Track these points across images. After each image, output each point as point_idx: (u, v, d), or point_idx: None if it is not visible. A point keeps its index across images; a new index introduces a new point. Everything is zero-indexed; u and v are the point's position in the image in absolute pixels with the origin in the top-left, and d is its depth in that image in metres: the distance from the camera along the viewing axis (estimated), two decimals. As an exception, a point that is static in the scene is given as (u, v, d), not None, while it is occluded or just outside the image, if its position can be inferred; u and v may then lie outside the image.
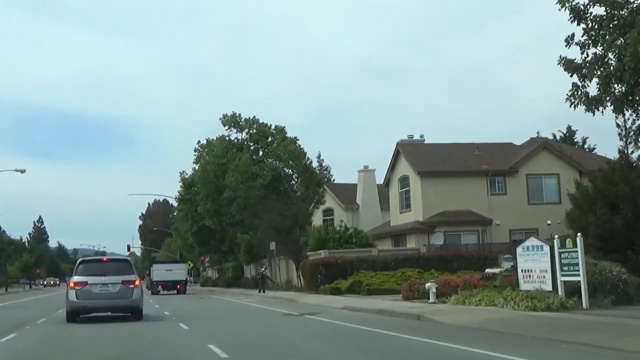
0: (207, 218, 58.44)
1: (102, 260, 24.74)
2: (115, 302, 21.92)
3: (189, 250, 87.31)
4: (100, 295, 21.68)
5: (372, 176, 62.91)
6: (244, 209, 54.03)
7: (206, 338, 16.18)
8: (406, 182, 47.51)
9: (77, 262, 24.36)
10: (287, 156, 54.58)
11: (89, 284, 21.63)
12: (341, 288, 36.54)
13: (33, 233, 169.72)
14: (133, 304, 22.09)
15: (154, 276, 60.96)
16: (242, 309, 30.78)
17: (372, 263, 39.72)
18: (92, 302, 21.77)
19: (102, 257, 28.30)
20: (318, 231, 43.59)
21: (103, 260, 25.08)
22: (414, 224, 45.21)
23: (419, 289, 27.86)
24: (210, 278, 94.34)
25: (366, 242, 43.09)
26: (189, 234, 69.85)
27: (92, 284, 21.63)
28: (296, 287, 46.78)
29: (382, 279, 36.29)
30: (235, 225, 55.40)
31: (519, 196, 46.14)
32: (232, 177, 53.05)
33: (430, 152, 47.48)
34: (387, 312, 23.00)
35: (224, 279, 76.06)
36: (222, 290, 61.99)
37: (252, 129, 57.89)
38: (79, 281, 21.75)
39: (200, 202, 58.32)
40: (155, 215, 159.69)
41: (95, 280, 21.69)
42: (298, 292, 42.34)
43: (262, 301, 37.21)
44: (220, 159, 56.02)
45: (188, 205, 68.22)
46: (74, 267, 23.73)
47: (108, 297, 21.70)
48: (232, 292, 54.82)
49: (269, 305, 32.08)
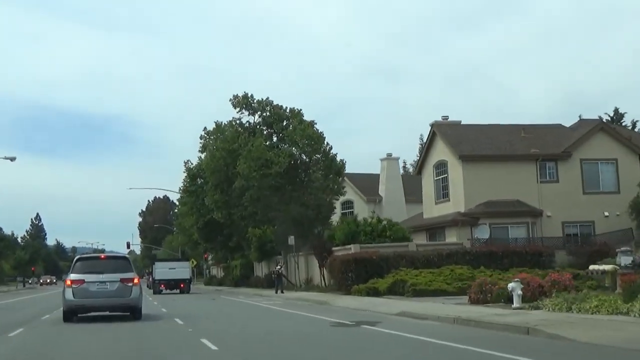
0: (215, 211, 52.81)
1: (100, 258, 24.20)
2: (114, 301, 21.22)
3: (193, 247, 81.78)
4: (98, 294, 20.95)
5: (395, 165, 57.47)
6: (257, 200, 48.45)
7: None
8: (443, 168, 42.00)
9: (74, 259, 23.34)
10: (305, 141, 48.97)
11: (86, 282, 20.91)
12: (379, 288, 31.05)
13: (30, 230, 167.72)
14: (132, 302, 21.39)
15: (157, 274, 56.28)
16: (269, 314, 25.24)
17: (412, 259, 34.27)
18: (90, 301, 21.04)
19: (100, 254, 27.39)
20: (347, 223, 38.05)
21: (101, 257, 24.53)
22: (454, 216, 39.71)
23: (491, 290, 22.39)
24: (215, 277, 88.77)
25: (402, 235, 37.57)
26: (194, 229, 64.24)
27: (89, 282, 20.90)
28: (318, 286, 41.29)
29: (428, 278, 30.81)
30: (247, 218, 49.79)
31: (573, 184, 40.64)
32: (245, 164, 47.45)
33: (471, 134, 41.95)
34: (469, 322, 17.54)
35: (230, 277, 70.53)
36: (231, 290, 56.48)
37: (266, 112, 52.24)
38: (76, 279, 21.05)
39: (208, 193, 52.69)
40: (156, 212, 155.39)
41: (93, 278, 20.96)
42: (323, 293, 36.87)
43: (286, 304, 31.69)
44: (230, 144, 50.44)
45: (193, 198, 62.68)
46: (71, 264, 22.80)
47: (106, 295, 21.00)
48: (243, 292, 49.29)
49: (299, 310, 26.57)
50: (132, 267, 22.28)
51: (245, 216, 49.78)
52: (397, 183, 56.12)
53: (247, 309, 28.58)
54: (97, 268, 21.54)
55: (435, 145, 42.86)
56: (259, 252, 56.79)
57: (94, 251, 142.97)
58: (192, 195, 62.75)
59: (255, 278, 60.10)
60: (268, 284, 53.27)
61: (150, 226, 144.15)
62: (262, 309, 28.29)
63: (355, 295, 31.94)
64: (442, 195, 42.17)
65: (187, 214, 65.76)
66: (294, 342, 14.79)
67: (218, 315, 24.50)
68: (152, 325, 19.77)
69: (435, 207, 42.83)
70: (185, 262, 62.46)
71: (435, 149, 42.87)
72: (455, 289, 29.56)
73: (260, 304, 32.59)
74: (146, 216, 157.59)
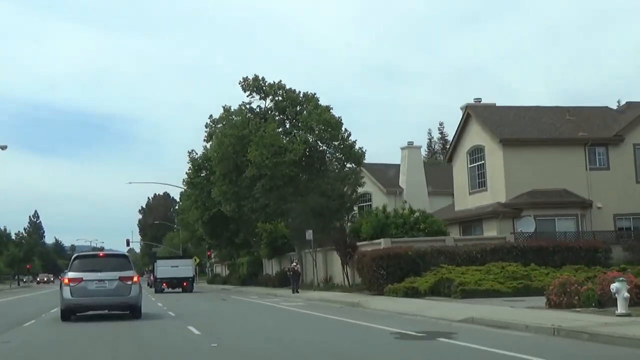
0: (223, 203, 48.55)
1: (99, 256, 23.59)
2: (112, 300, 20.76)
3: (196, 244, 77.63)
4: (96, 292, 20.48)
5: (417, 154, 53.23)
6: (269, 191, 44.24)
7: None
8: (480, 154, 37.77)
9: (72, 257, 22.66)
10: (321, 127, 44.75)
11: (84, 280, 20.46)
12: (419, 288, 26.83)
13: (29, 228, 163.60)
14: (131, 301, 20.91)
15: (158, 273, 52.88)
16: (301, 320, 20.99)
17: (452, 255, 30.13)
18: (88, 300, 20.57)
19: (98, 252, 26.54)
20: (376, 215, 33.76)
21: (99, 255, 23.97)
22: (494, 207, 35.48)
23: (577, 291, 18.19)
24: (218, 275, 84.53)
25: (437, 228, 33.34)
26: (199, 224, 59.94)
27: (87, 280, 20.46)
28: (340, 286, 37.10)
29: (476, 277, 26.62)
30: (259, 211, 45.54)
31: (625, 172, 36.45)
32: (256, 151, 43.25)
33: (510, 116, 37.68)
34: (578, 334, 13.37)
35: (237, 276, 66.29)
36: (239, 290, 52.29)
37: (278, 96, 48.03)
38: (74, 277, 20.55)
39: (215, 183, 48.39)
40: (156, 209, 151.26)
41: (91, 277, 20.52)
42: (348, 293, 32.68)
43: (310, 305, 27.47)
44: (240, 130, 46.23)
45: (198, 190, 58.45)
46: (69, 262, 22.20)
47: (104, 294, 20.54)
48: (254, 292, 45.07)
49: (331, 313, 22.37)
50: (131, 265, 21.77)
51: (256, 209, 45.53)
52: (419, 173, 51.87)
53: (269, 313, 24.33)
54: (96, 266, 21.03)
55: (470, 129, 38.64)
56: (269, 248, 52.57)
57: (93, 249, 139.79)
58: (197, 188, 58.52)
59: (265, 276, 55.85)
60: (280, 282, 49.16)
61: (151, 223, 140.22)
62: (288, 313, 24.04)
63: (390, 295, 27.75)
64: (478, 184, 37.94)
65: (191, 207, 61.51)
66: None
67: (239, 322, 20.24)
68: (163, 337, 15.58)
69: (470, 197, 38.59)
70: (188, 259, 59.21)
71: (470, 133, 38.65)
72: (510, 289, 25.48)
73: (280, 305, 28.36)
74: (146, 213, 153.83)
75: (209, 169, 57.21)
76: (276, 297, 36.70)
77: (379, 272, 29.51)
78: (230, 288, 58.75)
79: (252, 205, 45.36)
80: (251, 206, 45.41)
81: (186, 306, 29.44)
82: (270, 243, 51.94)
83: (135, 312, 21.15)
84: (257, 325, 18.86)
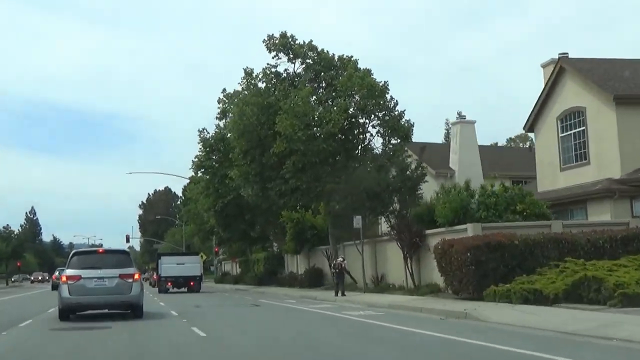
0: (243, 187, 40.39)
1: (98, 252, 22.53)
2: (113, 298, 19.84)
3: (204, 239, 69.32)
4: (95, 291, 19.58)
5: (471, 130, 45.07)
6: (301, 170, 36.16)
7: None
8: (578, 118, 29.67)
9: (70, 254, 21.74)
10: (365, 91, 36.60)
11: (83, 278, 19.61)
12: (545, 291, 18.77)
13: (25, 225, 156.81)
14: (132, 299, 19.94)
15: (163, 271, 46.82)
16: (404, 342, 12.88)
17: (572, 246, 22.06)
18: (87, 298, 19.61)
19: (98, 249, 26.25)
20: (458, 192, 25.54)
21: (99, 251, 22.79)
22: (604, 184, 27.34)
23: None
24: (228, 273, 76.31)
25: (539, 211, 25.16)
26: (211, 214, 51.73)
27: (86, 278, 19.59)
28: (400, 286, 29.09)
29: (635, 276, 18.52)
30: (288, 194, 37.34)
31: None
32: (286, 121, 35.15)
33: (620, 69, 29.50)
34: None
35: (252, 274, 58.17)
36: (258, 290, 44.33)
37: (309, 58, 39.87)
38: (72, 275, 19.74)
39: (235, 161, 40.08)
40: (156, 204, 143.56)
41: (90, 274, 19.66)
42: (419, 297, 24.68)
43: (387, 316, 19.32)
44: (265, 97, 38.17)
45: (209, 175, 50.31)
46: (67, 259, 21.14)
47: (104, 292, 19.63)
48: (280, 294, 37.02)
49: (434, 329, 14.32)
50: (132, 262, 21.05)
51: (284, 192, 37.31)
52: (474, 153, 43.82)
53: (346, 329, 16.19)
54: (95, 263, 20.24)
55: (562, 87, 30.51)
56: (295, 241, 44.48)
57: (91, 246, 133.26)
58: (208, 172, 50.37)
59: (289, 275, 47.62)
60: (311, 282, 41.22)
61: (151, 219, 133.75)
62: (371, 329, 15.92)
63: (495, 301, 19.73)
64: (576, 157, 29.81)
65: (200, 195, 53.33)
66: None
67: (317, 349, 12.18)
68: None
69: (562, 174, 30.47)
70: (195, 256, 52.21)
71: (562, 93, 30.51)
72: None
73: (342, 314, 20.28)
74: (146, 209, 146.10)
75: (222, 151, 49.22)
76: (319, 301, 28.66)
77: (470, 269, 21.44)
78: (246, 288, 50.71)
79: (279, 188, 37.19)
80: (279, 189, 37.22)
81: (209, 314, 21.43)
82: (297, 235, 43.88)
83: (137, 311, 20.32)
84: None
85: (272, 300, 30.80)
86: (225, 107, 46.86)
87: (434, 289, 25.94)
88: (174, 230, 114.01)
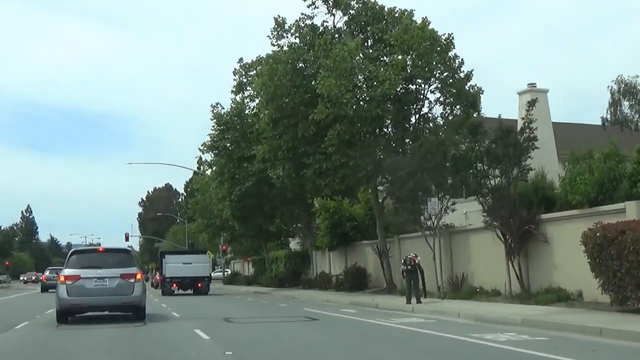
0: (272, 166, 32.70)
1: (98, 251, 21.65)
2: (113, 299, 18.74)
3: (214, 235, 61.45)
4: (95, 292, 18.52)
5: (543, 101, 37.32)
6: (347, 143, 28.61)
7: None
8: None
9: (69, 253, 20.46)
10: (427, 44, 28.97)
11: (82, 278, 18.56)
12: None
13: (21, 224, 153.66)
14: (134, 301, 18.76)
15: (168, 271, 41.61)
16: None
17: None
18: (86, 300, 18.59)
19: (98, 247, 25.84)
20: (605, 158, 17.91)
21: (99, 250, 22.04)
22: None
23: None
24: (239, 274, 68.53)
25: None
26: (226, 204, 44.00)
27: (85, 278, 18.54)
28: (498, 292, 21.53)
29: None
30: (331, 174, 29.63)
31: None
32: (330, 80, 27.55)
33: None
34: None
35: (270, 275, 50.59)
36: (283, 294, 37.08)
37: (352, 9, 32.19)
38: (71, 275, 18.66)
39: (262, 133, 32.43)
40: (157, 202, 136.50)
41: (90, 274, 18.63)
42: (537, 306, 17.19)
43: (582, 349, 11.73)
44: (300, 54, 30.61)
45: (224, 158, 42.62)
46: (66, 259, 20.18)
47: (105, 293, 18.56)
48: (319, 299, 29.68)
49: None
50: (134, 261, 19.90)
51: (325, 171, 29.63)
52: (546, 126, 36.14)
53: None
54: (95, 262, 19.07)
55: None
56: (331, 235, 36.84)
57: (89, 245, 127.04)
58: (223, 154, 42.67)
59: (320, 276, 39.85)
60: (352, 285, 33.66)
61: (151, 217, 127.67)
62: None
63: None
64: None
65: (213, 182, 45.52)
66: None
67: None
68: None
69: None
70: (203, 254, 46.41)
71: None
72: None
73: (473, 339, 12.66)
74: (146, 206, 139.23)
75: (240, 129, 41.69)
76: (389, 311, 21.20)
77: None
78: (266, 291, 43.22)
79: (319, 166, 29.53)
80: (318, 167, 29.56)
81: (256, 336, 13.83)
82: (334, 228, 36.26)
83: (139, 313, 19.00)
84: None
85: (320, 309, 23.16)
86: (242, 79, 39.54)
87: (560, 295, 18.40)
88: (176, 228, 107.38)
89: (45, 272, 53.95)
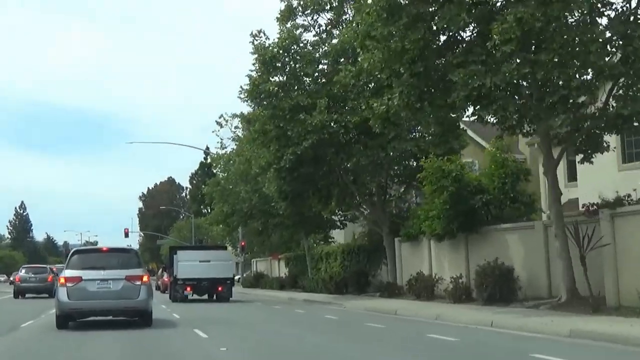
0: (387, 87, 19.59)
1: (101, 250, 20.10)
2: (118, 303, 17.39)
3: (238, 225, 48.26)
4: (98, 295, 17.23)
5: None
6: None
7: None
8: None
9: (69, 252, 19.53)
10: None
11: (84, 279, 17.27)
12: None
13: (14, 221, 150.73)
14: (140, 305, 17.51)
15: (180, 271, 33.26)
16: None
17: None
18: (88, 303, 17.29)
19: (102, 247, 23.42)
20: None
21: (102, 250, 20.23)
22: None
23: None
24: (264, 275, 55.26)
25: None
26: (271, 174, 31.03)
27: (87, 280, 17.25)
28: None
29: None
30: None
31: None
32: None
33: None
34: None
35: (317, 277, 37.87)
36: (353, 305, 24.77)
37: None
38: (72, 276, 17.36)
39: (366, 35, 19.30)
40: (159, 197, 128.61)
41: (92, 276, 17.34)
42: None
43: None
44: None
45: (270, 109, 29.64)
46: (66, 258, 19.32)
47: (108, 296, 17.26)
48: (464, 321, 16.90)
49: None
50: (140, 262, 18.44)
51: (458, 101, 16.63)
52: None
53: None
54: (98, 263, 17.76)
55: None
56: (446, 218, 23.78)
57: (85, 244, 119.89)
58: (268, 106, 29.72)
59: (418, 279, 26.63)
60: (492, 295, 20.71)
61: (153, 213, 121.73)
62: None
63: None
64: None
65: (254, 143, 32.21)
66: None
67: None
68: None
69: None
70: (224, 251, 37.42)
71: None
72: None
73: None
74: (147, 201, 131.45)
75: (292, 67, 28.98)
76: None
77: None
78: (321, 299, 30.66)
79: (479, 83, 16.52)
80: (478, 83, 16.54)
81: None
82: (453, 206, 23.24)
83: (145, 318, 17.79)
84: None
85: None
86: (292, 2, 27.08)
87: None
88: (181, 224, 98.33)
89: (20, 272, 41.02)
